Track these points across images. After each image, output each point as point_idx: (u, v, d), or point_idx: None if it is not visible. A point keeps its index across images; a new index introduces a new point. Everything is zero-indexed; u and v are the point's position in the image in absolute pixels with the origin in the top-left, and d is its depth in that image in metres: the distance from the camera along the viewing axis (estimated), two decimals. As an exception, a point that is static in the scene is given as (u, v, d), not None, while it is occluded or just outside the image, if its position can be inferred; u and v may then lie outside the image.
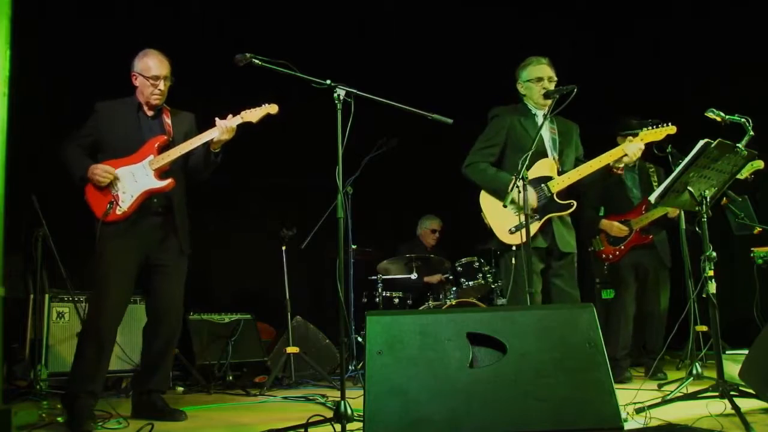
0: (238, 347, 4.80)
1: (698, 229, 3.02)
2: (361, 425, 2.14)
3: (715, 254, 2.91)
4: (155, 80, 3.22)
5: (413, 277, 5.45)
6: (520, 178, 3.04)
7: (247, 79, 3.33)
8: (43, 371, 3.96)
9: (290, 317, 4.78)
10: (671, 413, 2.79)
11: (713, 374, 2.91)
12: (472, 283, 5.27)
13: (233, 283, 5.99)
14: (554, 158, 3.48)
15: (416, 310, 5.30)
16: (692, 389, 3.05)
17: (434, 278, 5.76)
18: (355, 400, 2.56)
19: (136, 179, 3.17)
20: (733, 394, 2.67)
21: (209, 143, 3.21)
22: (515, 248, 3.40)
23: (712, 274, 2.90)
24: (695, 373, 3.57)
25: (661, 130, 3.37)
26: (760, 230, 4.54)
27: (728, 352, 3.76)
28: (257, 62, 2.79)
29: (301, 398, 3.89)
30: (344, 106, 2.74)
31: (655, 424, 2.61)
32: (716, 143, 2.83)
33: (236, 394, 4.22)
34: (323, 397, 3.79)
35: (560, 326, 2.21)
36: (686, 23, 6.00)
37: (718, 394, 2.74)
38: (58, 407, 3.25)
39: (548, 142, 3.51)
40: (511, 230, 3.26)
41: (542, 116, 3.50)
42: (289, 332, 4.75)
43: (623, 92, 6.05)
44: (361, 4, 5.92)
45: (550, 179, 3.41)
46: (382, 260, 5.51)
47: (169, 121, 3.34)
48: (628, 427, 2.48)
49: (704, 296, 2.92)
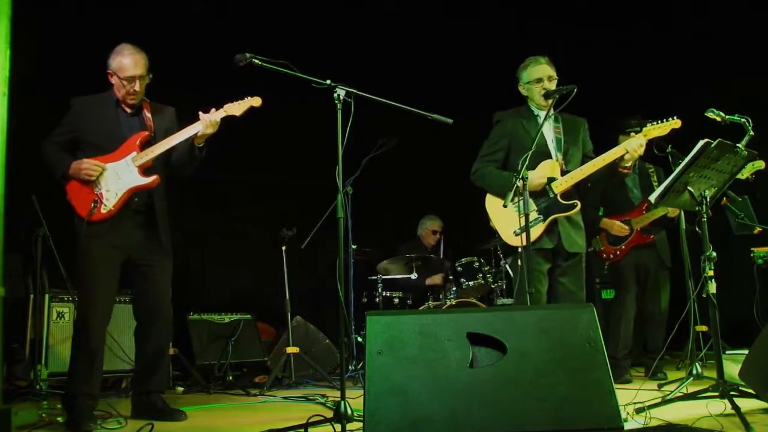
0: (238, 347, 4.81)
1: (698, 229, 3.01)
2: (361, 425, 2.14)
3: (715, 254, 2.90)
4: (130, 81, 3.14)
5: (413, 277, 5.46)
6: (520, 178, 3.04)
7: (247, 79, 3.32)
8: (43, 371, 3.96)
9: (290, 317, 4.78)
10: (671, 413, 2.79)
11: (713, 374, 2.91)
12: (472, 283, 5.28)
13: (233, 283, 5.99)
14: (558, 158, 3.46)
15: (416, 310, 5.31)
16: (692, 389, 3.05)
17: (436, 279, 5.76)
18: (355, 400, 2.56)
19: (119, 176, 3.10)
20: (733, 394, 2.66)
21: (193, 138, 3.16)
22: (520, 250, 3.40)
23: (712, 274, 2.89)
24: (695, 373, 3.57)
25: (665, 124, 3.33)
26: (760, 230, 4.53)
27: (728, 352, 3.74)
28: (257, 62, 2.79)
29: (301, 398, 3.88)
30: (344, 106, 2.74)
31: (655, 424, 2.61)
32: (716, 143, 2.83)
33: (236, 394, 4.21)
34: (323, 397, 3.79)
35: (560, 326, 2.21)
36: (686, 23, 5.99)
37: (718, 394, 2.74)
38: (58, 407, 3.25)
39: (552, 142, 3.49)
40: (515, 232, 3.27)
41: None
42: (289, 332, 4.75)
43: (623, 92, 6.05)
44: (361, 4, 5.92)
45: (553, 180, 3.40)
46: (382, 260, 5.51)
47: (149, 115, 3.27)
48: (628, 427, 2.47)
49: (704, 296, 2.92)
